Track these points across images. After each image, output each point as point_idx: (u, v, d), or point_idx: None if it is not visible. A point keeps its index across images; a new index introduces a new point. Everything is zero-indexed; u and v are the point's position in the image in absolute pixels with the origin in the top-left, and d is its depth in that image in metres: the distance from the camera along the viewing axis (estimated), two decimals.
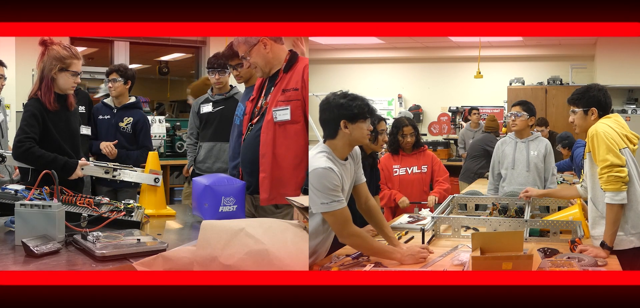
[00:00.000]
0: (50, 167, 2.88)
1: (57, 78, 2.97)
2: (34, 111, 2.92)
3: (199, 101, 4.41)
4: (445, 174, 4.33)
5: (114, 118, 4.12)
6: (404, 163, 4.28)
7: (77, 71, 3.03)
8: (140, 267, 1.98)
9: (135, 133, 4.09)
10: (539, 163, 3.88)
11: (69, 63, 2.98)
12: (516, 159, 3.93)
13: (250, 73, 3.69)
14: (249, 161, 2.91)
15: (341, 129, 2.41)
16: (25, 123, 2.92)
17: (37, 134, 2.90)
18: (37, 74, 3.02)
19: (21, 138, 2.88)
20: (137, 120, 4.12)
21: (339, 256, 2.54)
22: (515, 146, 3.96)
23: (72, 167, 2.94)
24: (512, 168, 3.93)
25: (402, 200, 4.09)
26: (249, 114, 3.02)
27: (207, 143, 4.28)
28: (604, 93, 2.78)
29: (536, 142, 3.94)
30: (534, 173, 3.88)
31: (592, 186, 2.72)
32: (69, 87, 3.03)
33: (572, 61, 8.95)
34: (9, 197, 2.49)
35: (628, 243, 2.63)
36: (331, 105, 2.43)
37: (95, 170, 3.07)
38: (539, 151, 3.90)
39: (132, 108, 4.16)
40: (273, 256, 1.92)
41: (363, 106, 2.43)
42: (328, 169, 2.34)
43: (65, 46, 3.00)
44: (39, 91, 2.96)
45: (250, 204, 2.97)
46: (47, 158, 2.87)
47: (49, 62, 2.96)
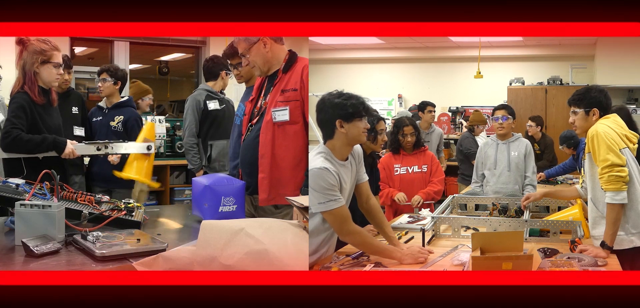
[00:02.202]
0: (41, 147, 2.89)
1: (40, 72, 2.99)
2: (22, 103, 2.94)
3: (201, 98, 4.35)
4: (440, 176, 4.35)
5: (105, 118, 4.13)
6: (405, 162, 4.31)
7: (59, 63, 3.05)
8: (140, 267, 1.98)
9: (126, 130, 4.07)
10: (519, 162, 4.17)
11: (49, 55, 3.00)
12: (498, 159, 4.22)
13: (251, 73, 3.68)
14: (249, 161, 2.91)
15: (337, 128, 2.42)
16: (12, 114, 2.93)
17: (25, 125, 2.91)
18: (19, 71, 3.03)
19: (8, 129, 2.90)
20: (128, 118, 4.11)
21: (339, 256, 2.55)
22: (496, 147, 4.24)
23: (62, 144, 2.96)
24: (494, 168, 4.21)
25: (399, 195, 4.12)
26: (248, 115, 3.02)
27: (219, 142, 4.25)
28: (604, 94, 2.79)
29: (516, 143, 4.23)
30: (515, 173, 4.17)
31: (592, 187, 2.72)
32: (53, 79, 3.04)
33: (572, 61, 8.95)
34: (10, 191, 2.48)
35: (628, 242, 2.63)
36: (326, 105, 2.44)
37: (87, 148, 3.07)
38: (520, 152, 4.19)
39: (123, 106, 4.16)
40: (273, 256, 1.92)
41: (358, 104, 2.43)
42: (323, 170, 2.35)
43: (43, 40, 3.01)
44: (25, 86, 2.97)
45: (250, 204, 2.97)
46: (35, 140, 2.90)
47: (30, 57, 2.98)
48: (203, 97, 4.37)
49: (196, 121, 4.36)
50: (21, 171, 2.88)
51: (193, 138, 4.40)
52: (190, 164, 4.45)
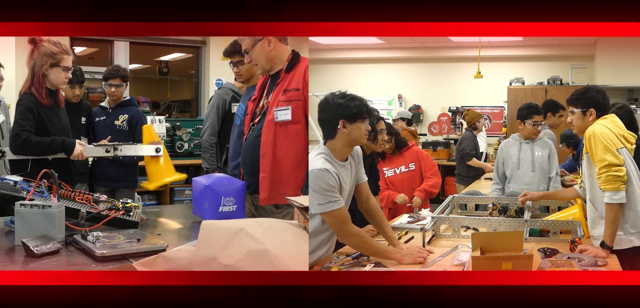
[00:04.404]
0: (50, 148, 2.89)
1: (48, 74, 3.00)
2: (29, 105, 2.94)
3: (228, 98, 4.21)
4: (432, 168, 4.27)
5: (109, 118, 4.14)
6: (392, 163, 4.25)
7: (68, 66, 3.06)
8: (140, 267, 1.98)
9: (131, 128, 4.09)
10: (544, 163, 4.01)
11: (59, 58, 3.01)
12: (521, 159, 4.05)
13: (251, 73, 3.68)
14: (250, 161, 2.91)
15: (340, 129, 2.42)
16: (20, 116, 2.93)
17: (33, 127, 2.92)
18: (28, 71, 3.03)
19: (17, 131, 2.90)
20: (132, 116, 4.12)
21: (339, 256, 2.55)
22: (519, 146, 4.08)
23: (71, 145, 2.96)
24: (518, 169, 4.05)
25: (400, 197, 4.10)
26: (250, 114, 3.02)
27: None
28: (602, 94, 2.79)
29: (541, 142, 4.06)
30: (539, 173, 4.01)
31: (591, 187, 2.72)
32: (61, 82, 3.05)
33: (572, 61, 8.95)
34: (8, 188, 2.48)
35: (627, 242, 2.63)
36: (330, 105, 2.44)
37: (95, 150, 3.06)
38: (544, 152, 4.03)
39: (127, 105, 4.18)
40: (273, 256, 1.92)
41: (361, 106, 2.43)
42: (323, 171, 2.35)
43: (55, 42, 3.02)
44: (32, 87, 2.97)
45: (251, 204, 2.97)
46: (44, 142, 2.91)
47: (40, 59, 2.98)
48: (229, 97, 4.23)
49: (219, 120, 4.23)
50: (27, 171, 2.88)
51: (214, 137, 4.26)
52: (207, 164, 4.28)
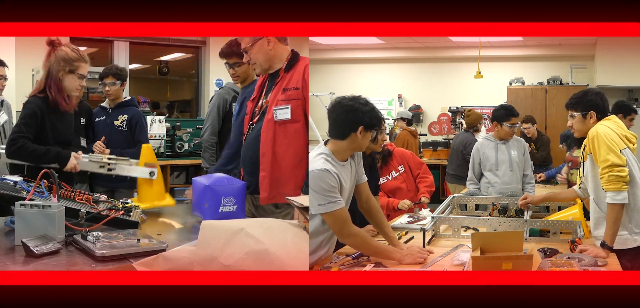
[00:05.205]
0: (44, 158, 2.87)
1: (63, 79, 2.96)
2: (35, 110, 2.91)
3: (229, 98, 4.19)
4: (422, 166, 4.26)
5: (108, 118, 4.12)
6: (383, 172, 4.16)
7: (84, 74, 3.02)
8: (140, 267, 1.98)
9: (130, 129, 4.07)
10: (520, 162, 4.18)
11: (76, 66, 2.98)
12: (499, 160, 4.17)
13: (247, 73, 3.69)
14: (250, 160, 2.91)
15: (355, 134, 2.41)
16: (23, 121, 2.91)
17: (32, 134, 2.89)
18: (43, 73, 3.00)
19: (15, 136, 2.88)
20: (132, 116, 4.09)
21: (339, 256, 2.55)
22: (496, 147, 4.20)
23: (66, 157, 2.94)
24: (497, 169, 4.16)
25: (403, 203, 4.06)
26: (249, 114, 3.02)
27: None
28: (601, 97, 2.80)
29: (515, 142, 4.23)
30: (517, 172, 4.17)
31: (594, 188, 2.73)
32: (74, 89, 3.02)
33: (572, 61, 8.95)
34: (8, 188, 2.48)
35: (632, 242, 2.64)
36: (354, 108, 2.42)
37: (90, 165, 3.05)
38: (519, 151, 4.20)
39: (127, 106, 4.16)
40: (273, 256, 1.92)
41: (380, 117, 2.52)
42: (324, 171, 2.35)
43: (74, 48, 2.99)
44: (49, 92, 2.94)
45: (251, 204, 2.97)
46: (39, 151, 2.88)
47: (57, 63, 2.95)
48: (230, 97, 4.21)
49: (220, 120, 4.22)
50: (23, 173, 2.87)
51: (215, 137, 4.25)
52: (207, 164, 4.25)
